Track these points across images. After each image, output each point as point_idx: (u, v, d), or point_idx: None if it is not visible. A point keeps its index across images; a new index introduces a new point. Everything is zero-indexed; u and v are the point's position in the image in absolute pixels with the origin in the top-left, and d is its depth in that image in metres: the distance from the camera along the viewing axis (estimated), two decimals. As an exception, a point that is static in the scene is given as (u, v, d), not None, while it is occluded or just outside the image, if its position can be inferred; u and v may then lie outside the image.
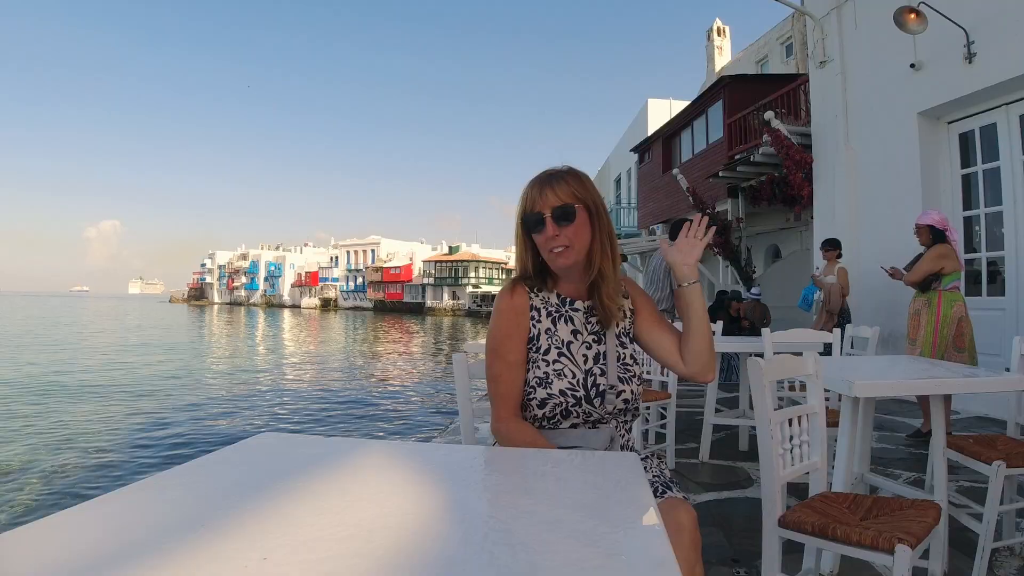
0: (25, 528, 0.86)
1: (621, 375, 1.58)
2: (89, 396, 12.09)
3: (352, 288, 79.12)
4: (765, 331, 3.32)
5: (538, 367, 1.57)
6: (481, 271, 70.82)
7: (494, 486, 1.17)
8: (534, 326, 1.61)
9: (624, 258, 6.38)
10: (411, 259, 77.03)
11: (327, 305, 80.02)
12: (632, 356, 1.63)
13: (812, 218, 8.79)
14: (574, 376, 1.55)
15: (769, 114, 9.04)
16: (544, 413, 1.55)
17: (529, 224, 1.59)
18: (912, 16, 5.92)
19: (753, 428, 4.44)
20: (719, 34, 25.36)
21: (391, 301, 73.79)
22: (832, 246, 6.90)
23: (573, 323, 1.62)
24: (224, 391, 13.10)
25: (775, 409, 1.83)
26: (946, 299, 4.52)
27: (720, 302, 9.50)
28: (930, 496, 2.42)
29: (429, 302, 70.34)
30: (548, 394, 1.54)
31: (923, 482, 3.41)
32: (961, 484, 3.41)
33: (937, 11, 5.85)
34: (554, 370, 1.56)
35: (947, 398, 2.45)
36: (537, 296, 1.64)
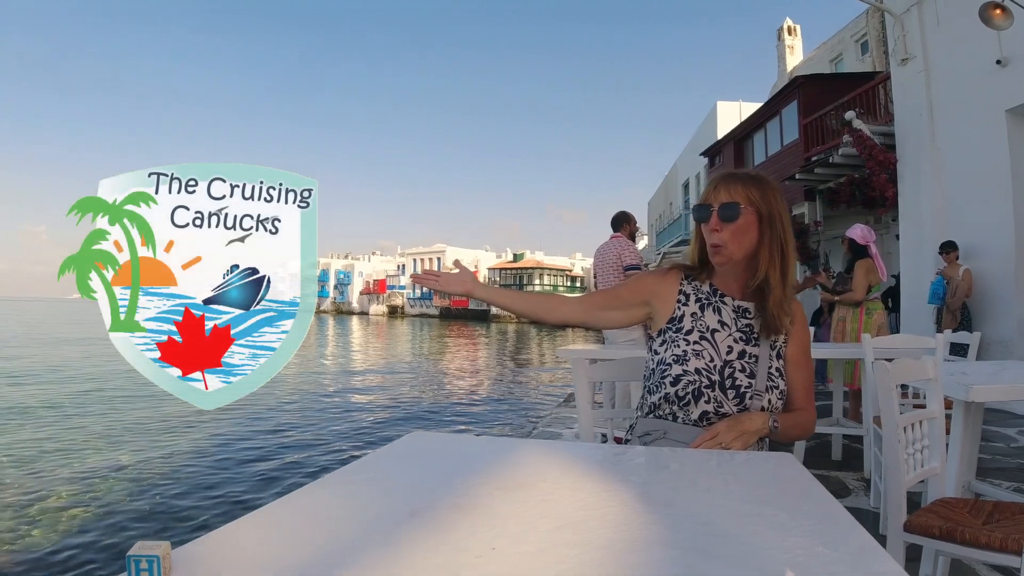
0: (235, 524, 0.90)
1: (767, 383, 1.60)
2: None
3: (419, 295, 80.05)
4: (866, 336, 3.32)
5: (677, 345, 1.62)
6: (546, 278, 70.81)
7: (668, 481, 1.16)
8: (679, 307, 1.67)
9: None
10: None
11: (394, 312, 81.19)
12: (778, 369, 1.63)
13: (893, 220, 8.58)
14: (712, 360, 1.59)
15: (850, 114, 8.85)
16: (676, 392, 1.58)
17: (697, 214, 1.65)
18: (998, 12, 5.78)
19: (846, 437, 4.44)
20: (790, 33, 24.83)
21: (456, 308, 74.27)
22: (951, 247, 6.83)
23: (721, 314, 1.65)
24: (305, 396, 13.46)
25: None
26: (868, 308, 5.04)
27: (819, 309, 9.23)
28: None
29: (494, 309, 70.54)
30: (683, 370, 1.57)
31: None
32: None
33: (1021, 6, 5.69)
34: (693, 350, 1.60)
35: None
36: (689, 284, 1.71)
